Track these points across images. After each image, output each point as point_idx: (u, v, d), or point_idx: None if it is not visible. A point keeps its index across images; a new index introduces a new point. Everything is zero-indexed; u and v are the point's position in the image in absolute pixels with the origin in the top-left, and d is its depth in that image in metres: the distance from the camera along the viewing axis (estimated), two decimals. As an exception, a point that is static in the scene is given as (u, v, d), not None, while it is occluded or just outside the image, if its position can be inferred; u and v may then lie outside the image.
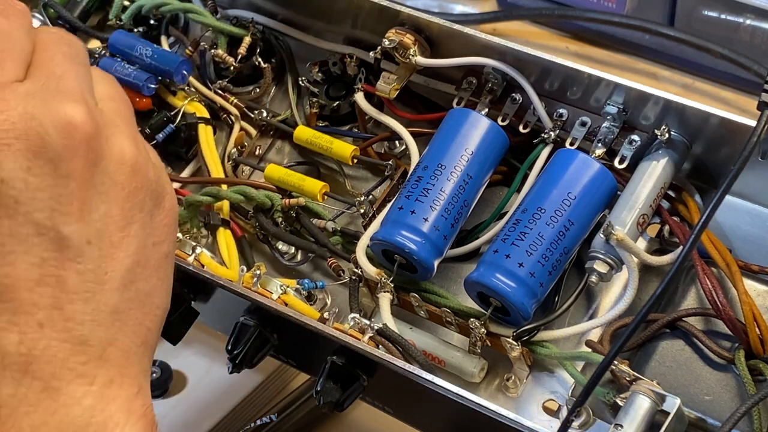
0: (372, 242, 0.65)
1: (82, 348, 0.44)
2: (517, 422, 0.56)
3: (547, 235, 0.60)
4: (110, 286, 0.45)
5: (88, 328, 0.44)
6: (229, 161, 0.75)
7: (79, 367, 0.44)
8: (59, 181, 0.44)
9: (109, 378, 0.45)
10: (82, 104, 0.45)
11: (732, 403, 0.58)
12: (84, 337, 0.44)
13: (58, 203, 0.44)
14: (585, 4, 0.76)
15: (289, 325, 0.64)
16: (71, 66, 0.47)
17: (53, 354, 0.43)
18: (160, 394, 1.14)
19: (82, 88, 0.46)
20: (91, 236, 0.45)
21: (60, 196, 0.44)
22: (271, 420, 1.14)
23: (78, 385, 0.44)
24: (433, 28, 0.68)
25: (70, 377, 0.43)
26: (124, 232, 0.46)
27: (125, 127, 0.48)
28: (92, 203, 0.45)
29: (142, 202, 0.47)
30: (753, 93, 0.67)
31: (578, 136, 0.65)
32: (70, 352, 0.44)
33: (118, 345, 0.45)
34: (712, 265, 0.61)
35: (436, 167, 0.64)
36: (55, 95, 0.45)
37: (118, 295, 0.46)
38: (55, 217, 0.43)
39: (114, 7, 0.81)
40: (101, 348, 0.45)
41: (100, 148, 0.45)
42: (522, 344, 0.61)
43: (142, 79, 0.75)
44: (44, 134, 0.43)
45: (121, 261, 0.46)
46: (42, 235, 0.43)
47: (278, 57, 0.78)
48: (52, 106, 0.44)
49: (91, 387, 0.44)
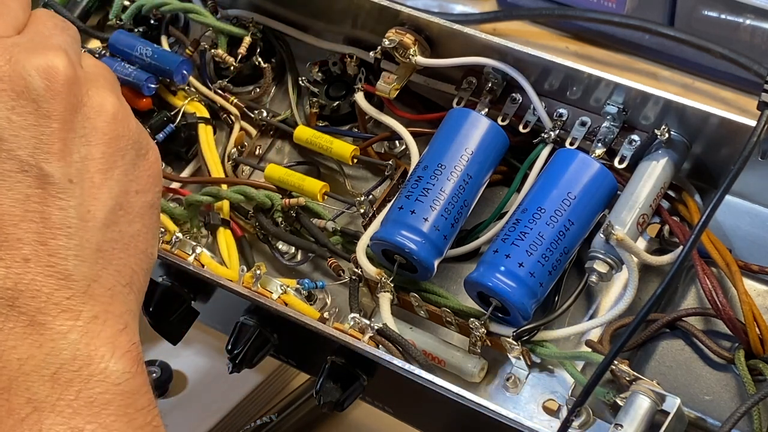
0: (372, 242, 0.65)
1: (67, 283, 0.45)
2: (517, 422, 0.56)
3: (547, 235, 0.60)
4: (93, 224, 0.47)
5: (72, 264, 0.46)
6: (229, 161, 0.75)
7: (64, 301, 0.45)
8: (41, 121, 0.46)
9: (94, 314, 0.46)
10: (64, 54, 0.48)
11: (732, 403, 0.58)
12: (68, 272, 0.45)
13: (40, 141, 0.46)
14: (585, 4, 0.76)
15: (289, 325, 0.64)
16: (59, 32, 0.50)
17: (38, 288, 0.45)
18: (160, 394, 1.14)
19: (66, 46, 0.49)
20: (72, 175, 0.47)
21: (42, 134, 0.46)
22: (271, 420, 1.14)
23: (64, 319, 0.45)
24: (433, 28, 0.68)
25: (55, 312, 0.45)
26: (106, 175, 0.48)
27: (109, 86, 0.50)
28: (73, 145, 0.47)
29: (123, 150, 0.49)
30: (753, 93, 0.67)
31: (578, 136, 0.65)
32: (54, 287, 0.45)
33: (102, 282, 0.47)
34: (712, 265, 0.61)
35: (436, 167, 0.64)
36: (40, 46, 0.48)
37: (101, 234, 0.47)
38: (38, 155, 0.46)
39: (114, 7, 0.81)
40: (85, 284, 0.46)
41: (80, 94, 0.48)
42: (522, 344, 0.61)
43: (142, 79, 0.75)
44: (27, 76, 0.46)
45: (104, 201, 0.48)
46: (25, 171, 0.45)
47: (278, 57, 0.78)
48: (36, 53, 0.47)
49: (77, 322, 0.45)
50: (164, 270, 0.70)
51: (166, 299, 0.69)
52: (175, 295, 0.69)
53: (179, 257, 0.67)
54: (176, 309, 0.69)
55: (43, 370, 0.44)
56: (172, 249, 0.68)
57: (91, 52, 0.79)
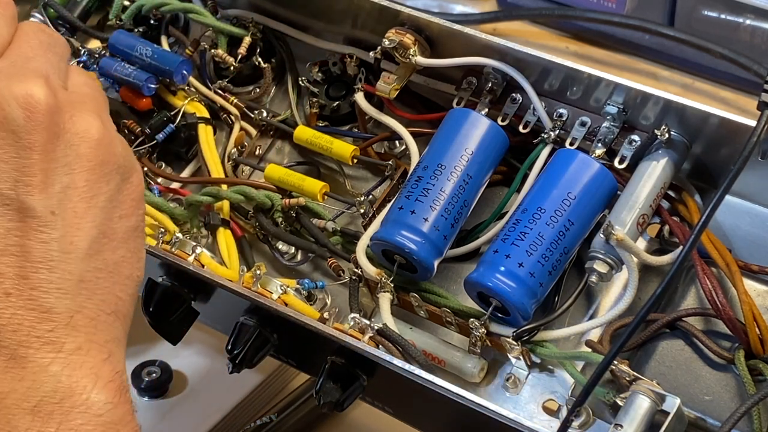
0: (372, 242, 0.65)
1: (49, 316, 0.45)
2: (517, 422, 0.56)
3: (547, 235, 0.60)
4: (76, 255, 0.46)
5: (54, 297, 0.45)
6: (229, 161, 0.75)
7: (46, 334, 0.45)
8: (22, 153, 0.45)
9: (77, 345, 0.45)
10: (44, 82, 0.47)
11: (732, 403, 0.58)
12: (50, 305, 0.45)
13: (21, 174, 0.45)
14: (585, 4, 0.76)
15: (289, 325, 0.64)
16: (43, 51, 0.49)
17: (19, 322, 0.44)
18: (160, 394, 1.14)
19: (49, 69, 0.48)
20: (54, 207, 0.46)
21: (23, 167, 0.45)
22: (271, 420, 1.14)
23: (45, 352, 0.44)
24: (433, 28, 0.68)
25: (37, 345, 0.44)
26: (90, 203, 0.47)
27: (94, 108, 0.49)
28: (55, 175, 0.46)
29: (108, 176, 0.48)
30: (753, 93, 0.67)
31: (578, 136, 0.65)
32: (36, 320, 0.45)
33: (85, 313, 0.46)
34: (712, 265, 0.61)
35: (436, 167, 0.64)
36: (20, 72, 0.47)
37: (84, 264, 0.47)
38: (19, 188, 0.45)
39: (114, 7, 0.81)
40: (68, 315, 0.45)
41: (63, 122, 0.47)
42: (522, 344, 0.61)
43: (142, 79, 0.75)
44: (6, 106, 0.45)
45: (87, 231, 0.47)
46: (6, 205, 0.45)
47: (278, 57, 0.78)
48: (15, 81, 0.46)
49: (59, 354, 0.45)
50: (164, 270, 0.70)
51: (166, 299, 0.69)
52: (175, 295, 0.69)
53: (179, 257, 0.67)
54: (176, 309, 0.69)
55: (24, 403, 0.43)
56: (172, 249, 0.68)
57: (90, 53, 0.79)
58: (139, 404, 1.09)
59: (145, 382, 1.11)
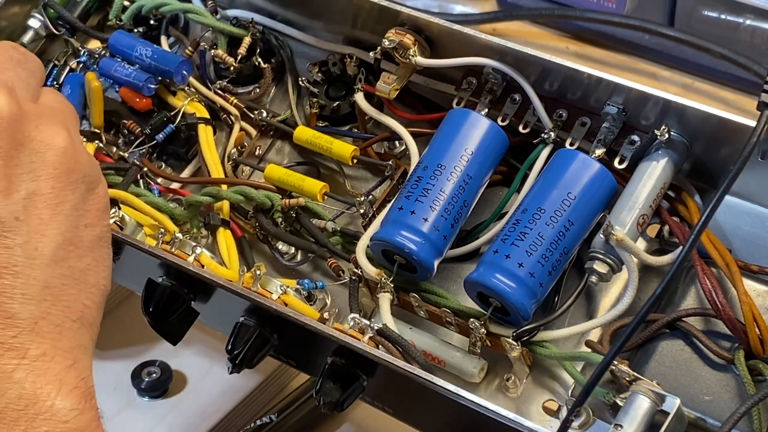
0: (372, 242, 0.65)
1: (13, 321, 0.45)
2: (517, 422, 0.56)
3: (547, 235, 0.60)
4: (40, 261, 0.46)
5: (18, 303, 0.45)
6: (229, 161, 0.75)
7: (10, 340, 0.45)
8: None
9: (42, 351, 0.45)
10: (8, 91, 0.47)
11: (732, 403, 0.58)
12: (14, 311, 0.45)
13: None
14: (585, 4, 0.76)
15: (289, 325, 0.64)
16: (12, 66, 0.50)
17: None
18: (160, 394, 1.14)
19: (16, 82, 0.49)
20: (18, 213, 0.46)
21: None
22: (271, 420, 1.14)
23: (9, 358, 0.44)
24: (433, 28, 0.68)
25: (0, 351, 0.44)
26: (55, 210, 0.47)
27: (61, 121, 0.50)
28: (20, 181, 0.46)
29: (74, 184, 0.49)
30: (753, 93, 0.67)
31: (578, 136, 0.65)
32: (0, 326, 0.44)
33: (50, 319, 0.46)
34: (711, 265, 0.61)
35: (436, 167, 0.64)
36: None
37: (50, 270, 0.47)
38: None
39: (114, 7, 0.81)
40: (32, 321, 0.45)
41: (28, 131, 0.47)
42: (522, 344, 0.61)
43: (142, 79, 0.75)
44: None
45: (52, 237, 0.47)
46: None
47: (278, 57, 0.78)
48: None
49: (23, 360, 0.45)
50: (164, 270, 0.70)
51: (166, 299, 0.69)
52: (175, 295, 0.69)
53: (179, 257, 0.67)
54: (176, 309, 0.69)
55: None
56: (172, 249, 0.68)
57: (90, 53, 0.79)
58: (139, 404, 1.09)
59: (145, 382, 1.11)
